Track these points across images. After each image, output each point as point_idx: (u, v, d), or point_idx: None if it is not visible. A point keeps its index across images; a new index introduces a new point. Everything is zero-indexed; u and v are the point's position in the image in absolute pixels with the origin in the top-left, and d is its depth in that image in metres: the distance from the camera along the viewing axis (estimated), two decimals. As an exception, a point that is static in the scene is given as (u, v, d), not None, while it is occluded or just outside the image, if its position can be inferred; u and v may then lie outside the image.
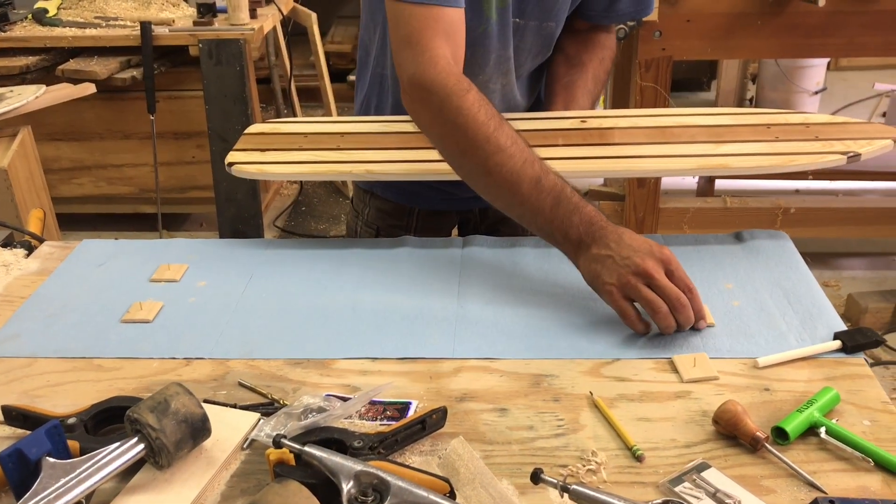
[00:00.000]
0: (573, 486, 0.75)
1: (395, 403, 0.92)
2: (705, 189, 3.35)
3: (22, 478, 0.76)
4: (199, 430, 0.81)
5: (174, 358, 1.03)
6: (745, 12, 2.51)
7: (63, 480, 0.75)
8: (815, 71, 4.23)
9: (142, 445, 0.79)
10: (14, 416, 0.88)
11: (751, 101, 4.52)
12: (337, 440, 0.82)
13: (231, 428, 0.87)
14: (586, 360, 0.99)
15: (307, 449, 0.77)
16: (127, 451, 0.79)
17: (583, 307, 1.09)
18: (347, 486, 0.74)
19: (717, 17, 2.52)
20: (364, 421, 0.90)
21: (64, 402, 0.94)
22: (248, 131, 1.41)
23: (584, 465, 0.82)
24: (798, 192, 3.42)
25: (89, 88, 2.47)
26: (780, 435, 0.84)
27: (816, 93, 4.28)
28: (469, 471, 0.80)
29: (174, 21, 3.18)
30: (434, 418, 0.86)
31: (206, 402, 0.89)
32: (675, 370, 0.97)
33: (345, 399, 0.91)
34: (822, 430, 0.84)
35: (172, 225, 3.63)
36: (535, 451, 0.85)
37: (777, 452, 0.82)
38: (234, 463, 0.85)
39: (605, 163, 1.27)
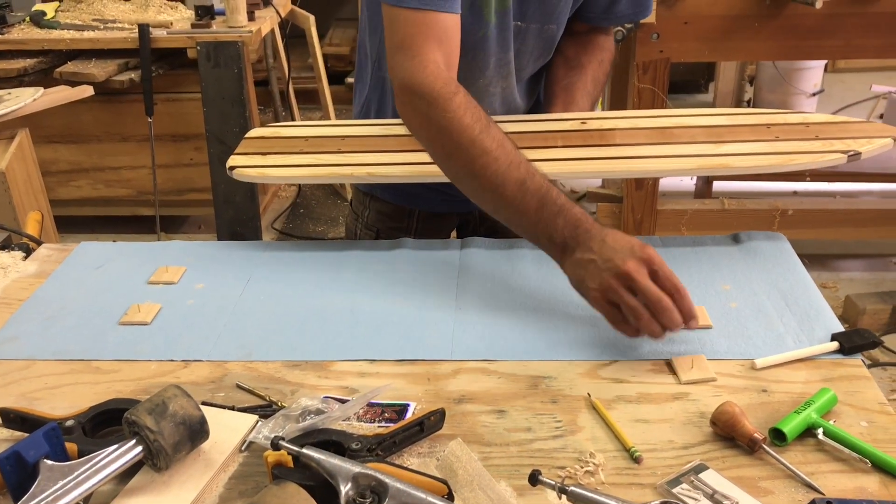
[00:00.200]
0: (571, 488, 0.75)
1: (394, 405, 0.92)
2: (703, 191, 3.35)
3: (20, 480, 0.75)
4: (197, 432, 0.81)
5: (172, 360, 1.03)
6: (743, 14, 2.51)
7: (61, 483, 0.75)
8: (813, 73, 4.23)
9: (140, 448, 0.79)
10: (12, 418, 0.88)
11: (748, 102, 4.52)
12: (335, 442, 0.82)
13: (229, 430, 0.87)
14: (584, 361, 0.99)
15: (305, 451, 0.78)
16: (125, 453, 0.79)
17: (580, 309, 1.09)
18: (345, 488, 0.74)
19: (715, 19, 2.52)
20: (362, 423, 0.90)
21: (62, 404, 0.94)
22: (248, 135, 1.41)
23: (582, 467, 0.82)
24: (796, 193, 3.42)
25: (87, 91, 2.47)
26: (778, 436, 0.85)
27: (814, 95, 4.28)
28: (467, 472, 0.80)
29: (172, 23, 3.18)
30: (432, 420, 0.86)
31: (205, 404, 0.89)
32: (673, 372, 0.97)
33: (343, 401, 0.91)
34: (820, 431, 0.84)
35: (170, 227, 3.63)
36: (534, 452, 0.85)
37: (775, 454, 0.82)
38: (232, 465, 0.85)
39: (606, 164, 1.27)
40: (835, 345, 0.99)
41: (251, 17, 3.15)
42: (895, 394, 2.45)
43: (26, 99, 2.22)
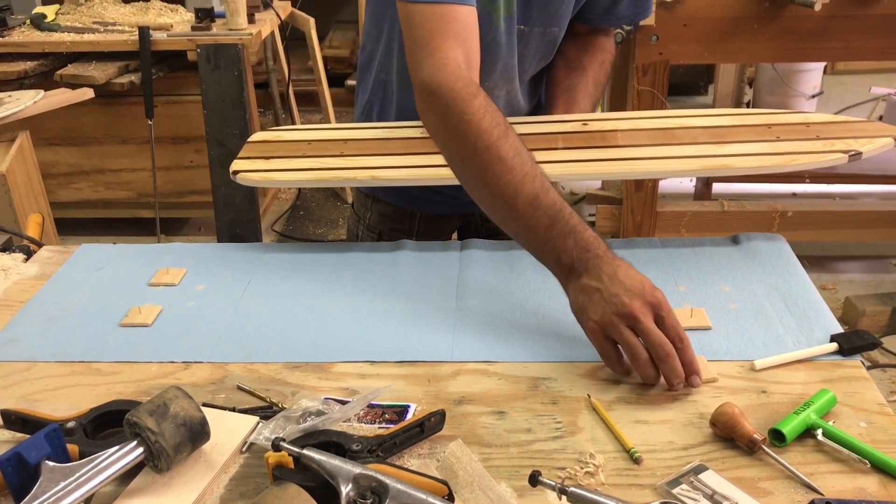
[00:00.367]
0: (571, 489, 0.75)
1: (394, 406, 0.93)
2: (703, 193, 3.35)
3: (21, 481, 0.76)
4: (197, 433, 0.81)
5: (173, 362, 1.03)
6: (742, 16, 2.52)
7: (62, 484, 0.75)
8: (812, 75, 4.24)
9: (141, 449, 0.79)
10: (13, 420, 0.88)
11: (748, 104, 4.52)
12: (336, 443, 0.82)
13: (230, 431, 0.87)
14: (584, 363, 1.00)
15: (306, 452, 0.78)
16: (126, 454, 0.79)
17: (580, 310, 1.10)
18: (346, 489, 0.74)
19: (714, 21, 2.53)
20: (363, 424, 0.90)
21: (63, 405, 0.94)
22: (251, 139, 1.41)
23: (582, 468, 0.82)
24: (795, 195, 3.42)
25: (87, 93, 2.47)
26: (777, 437, 0.85)
27: (813, 97, 4.29)
28: (467, 473, 0.80)
29: (172, 26, 3.18)
30: (432, 421, 0.86)
31: (205, 405, 0.89)
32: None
33: (343, 402, 0.91)
34: (819, 432, 0.84)
35: (171, 229, 3.63)
36: (534, 453, 0.85)
37: (774, 454, 0.83)
38: (232, 466, 0.85)
39: (608, 165, 1.26)
40: (834, 346, 1.00)
41: (251, 20, 3.15)
42: (895, 395, 2.45)
43: (27, 101, 2.23)
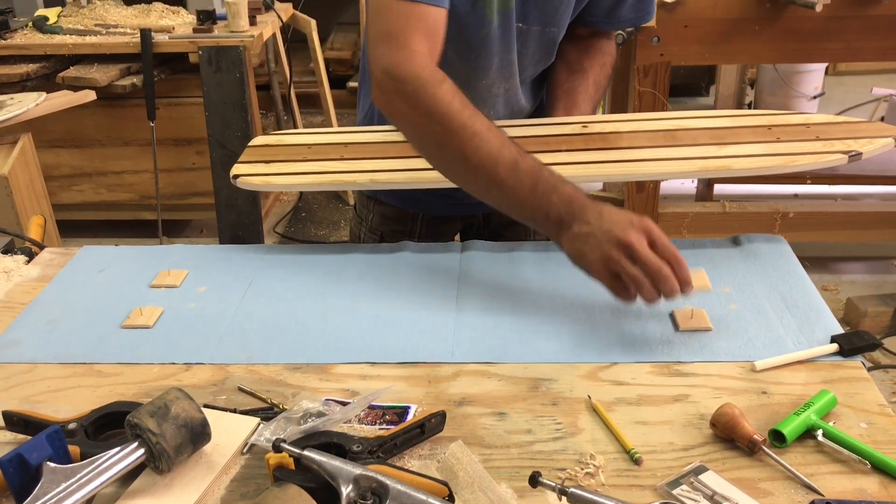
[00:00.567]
0: (571, 490, 0.75)
1: (394, 407, 0.93)
2: (704, 194, 3.35)
3: (23, 483, 0.76)
4: (198, 434, 0.81)
5: (174, 363, 1.03)
6: (743, 17, 2.52)
7: (64, 485, 0.75)
8: (814, 76, 4.23)
9: (142, 450, 0.79)
10: (15, 421, 0.89)
11: (749, 106, 4.52)
12: (336, 444, 0.82)
13: (231, 432, 0.87)
14: (584, 364, 1.00)
15: (306, 453, 0.78)
16: (127, 455, 0.79)
17: (581, 311, 1.10)
18: (347, 490, 0.74)
19: (715, 22, 2.53)
20: (363, 425, 0.90)
21: (64, 407, 0.95)
22: (252, 143, 1.41)
23: (583, 469, 0.83)
24: (796, 196, 3.42)
25: (89, 95, 2.48)
26: (778, 438, 0.85)
27: (815, 97, 4.29)
28: (468, 474, 0.80)
29: (174, 28, 3.19)
30: (433, 422, 0.86)
31: (206, 406, 0.90)
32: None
33: (344, 403, 0.91)
34: (820, 432, 0.84)
35: (172, 231, 3.63)
36: (534, 454, 0.85)
37: (774, 455, 0.83)
38: (233, 467, 0.85)
39: (609, 167, 1.27)
40: (834, 347, 1.00)
41: (253, 22, 3.16)
42: (896, 396, 2.45)
43: (29, 104, 2.23)
